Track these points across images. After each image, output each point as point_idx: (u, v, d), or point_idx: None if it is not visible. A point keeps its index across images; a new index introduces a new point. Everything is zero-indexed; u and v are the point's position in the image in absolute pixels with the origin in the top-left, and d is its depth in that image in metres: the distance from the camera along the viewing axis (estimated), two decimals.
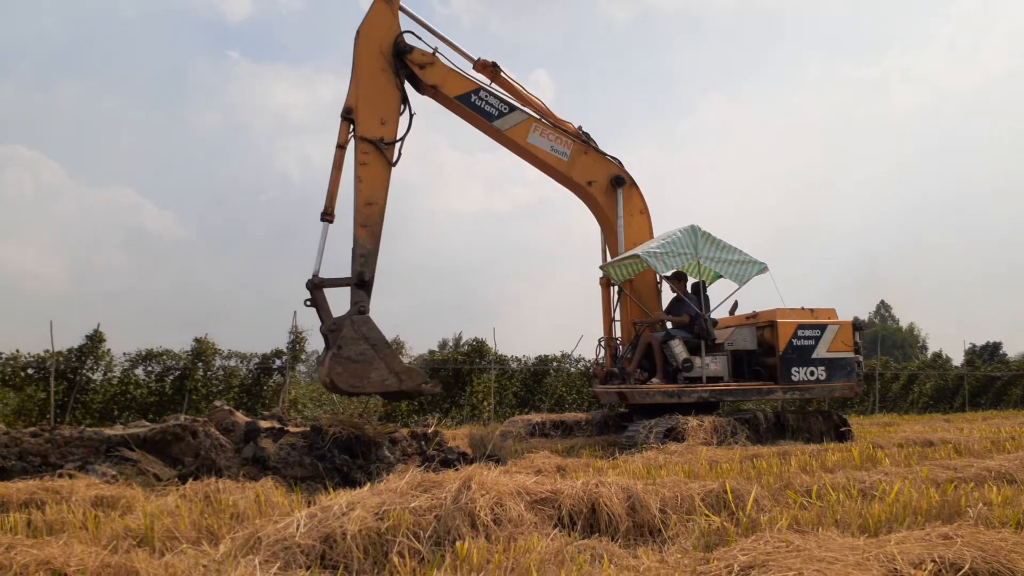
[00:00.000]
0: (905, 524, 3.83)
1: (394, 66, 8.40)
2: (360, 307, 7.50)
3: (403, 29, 8.58)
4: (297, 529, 3.17)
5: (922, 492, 4.50)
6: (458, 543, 3.18)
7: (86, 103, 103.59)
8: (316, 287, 7.63)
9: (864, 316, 63.47)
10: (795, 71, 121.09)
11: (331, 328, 7.41)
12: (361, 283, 7.62)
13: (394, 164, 8.15)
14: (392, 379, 7.10)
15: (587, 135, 9.89)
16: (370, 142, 8.02)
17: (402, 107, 8.44)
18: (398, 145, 8.22)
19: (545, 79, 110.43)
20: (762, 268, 9.36)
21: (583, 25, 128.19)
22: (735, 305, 9.61)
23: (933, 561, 2.81)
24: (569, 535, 3.60)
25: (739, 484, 4.43)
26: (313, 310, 7.64)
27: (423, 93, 9.06)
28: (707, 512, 4.05)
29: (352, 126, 8.13)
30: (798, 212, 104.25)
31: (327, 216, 8.00)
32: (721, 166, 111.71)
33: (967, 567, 2.79)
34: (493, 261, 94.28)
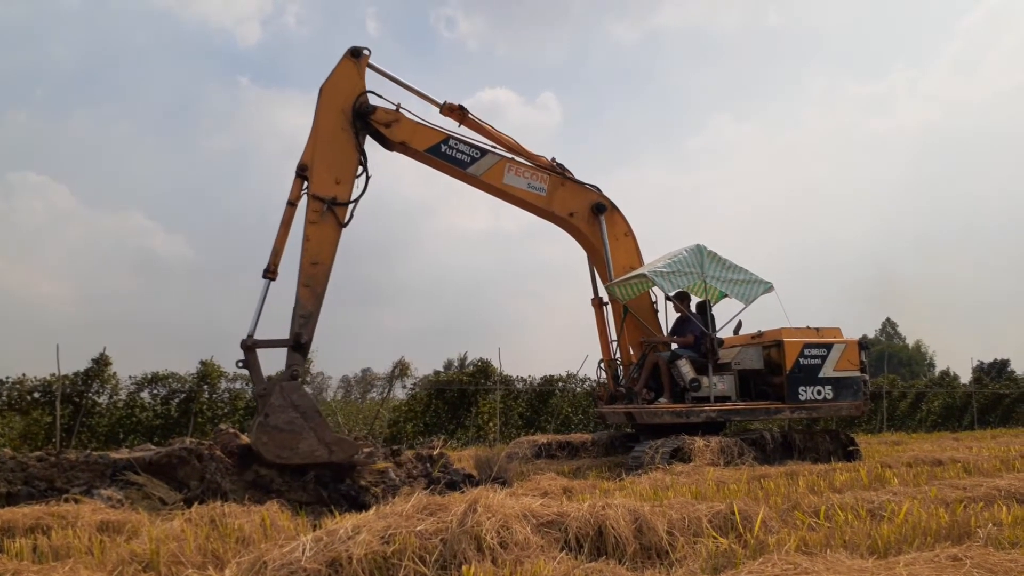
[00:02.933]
0: (914, 545, 3.80)
1: (355, 126, 8.20)
2: (293, 371, 7.16)
3: (368, 88, 8.39)
4: (303, 553, 3.16)
5: (931, 512, 4.47)
6: (464, 567, 3.17)
7: (97, 129, 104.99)
8: (249, 348, 7.25)
9: (870, 334, 63.25)
10: (800, 87, 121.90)
11: (261, 393, 7.13)
12: (298, 345, 7.29)
13: (345, 225, 7.90)
14: (322, 450, 6.74)
15: (561, 166, 9.85)
16: (322, 201, 7.76)
17: (359, 169, 8.20)
18: (351, 207, 7.97)
19: (553, 101, 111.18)
20: (768, 288, 9.36)
21: (590, 47, 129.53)
22: (739, 325, 9.61)
23: None
24: (576, 558, 3.57)
25: (747, 505, 4.41)
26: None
27: (392, 150, 8.92)
28: (715, 534, 4.02)
29: (305, 183, 7.88)
30: (805, 228, 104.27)
31: (269, 274, 7.65)
32: (728, 184, 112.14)
33: None
34: (498, 281, 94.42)
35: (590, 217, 9.88)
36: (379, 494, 6.58)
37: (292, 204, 7.83)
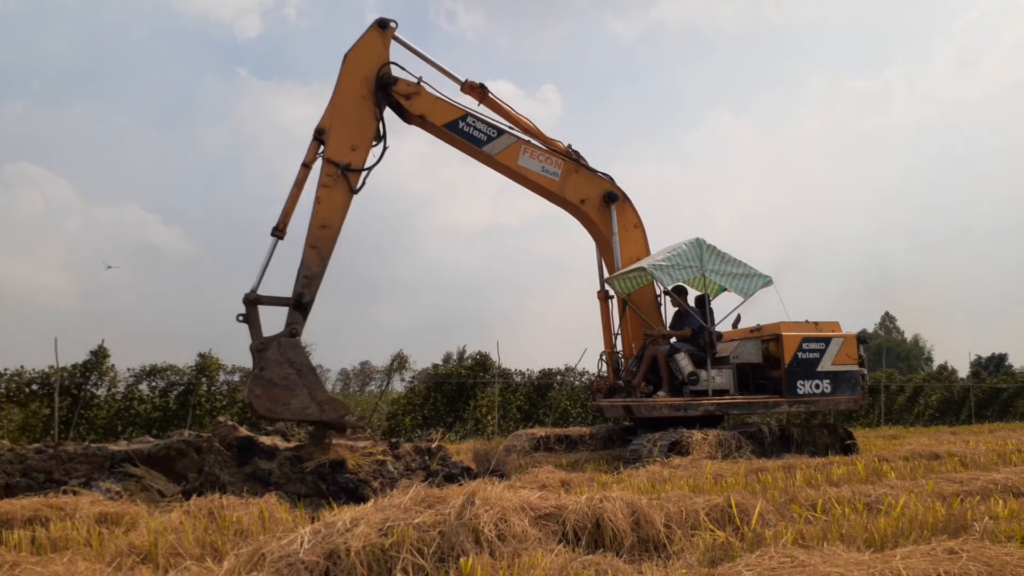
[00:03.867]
0: (911, 539, 3.81)
1: (375, 95, 8.28)
2: (292, 329, 7.22)
3: (391, 59, 8.46)
4: (301, 545, 3.17)
5: (928, 506, 4.49)
6: (462, 559, 3.17)
7: (95, 121, 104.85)
8: (251, 303, 7.30)
9: (870, 328, 63.27)
10: (798, 83, 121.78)
11: (258, 348, 7.15)
12: (299, 305, 7.36)
13: (356, 191, 7.98)
14: (313, 407, 6.82)
15: (577, 153, 9.86)
16: (336, 165, 7.85)
17: (374, 140, 8.27)
18: (364, 174, 8.06)
19: (553, 94, 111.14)
20: (767, 281, 9.36)
21: (590, 41, 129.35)
22: (738, 318, 9.61)
23: None
24: (573, 551, 3.58)
25: (744, 498, 4.42)
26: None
27: (411, 123, 8.97)
28: (712, 527, 4.03)
29: (321, 146, 7.97)
30: (804, 223, 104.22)
31: (278, 232, 7.72)
32: (726, 178, 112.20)
33: None
34: (498, 274, 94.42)
35: (601, 205, 9.89)
36: (377, 487, 6.58)
37: (307, 166, 7.90)
